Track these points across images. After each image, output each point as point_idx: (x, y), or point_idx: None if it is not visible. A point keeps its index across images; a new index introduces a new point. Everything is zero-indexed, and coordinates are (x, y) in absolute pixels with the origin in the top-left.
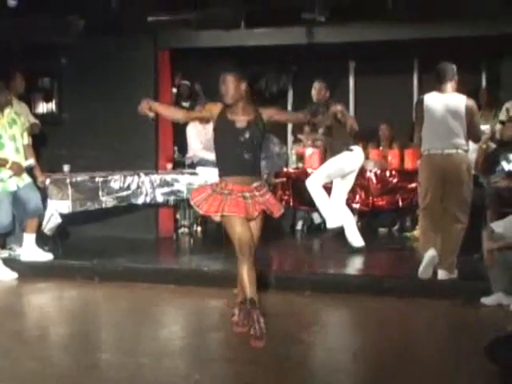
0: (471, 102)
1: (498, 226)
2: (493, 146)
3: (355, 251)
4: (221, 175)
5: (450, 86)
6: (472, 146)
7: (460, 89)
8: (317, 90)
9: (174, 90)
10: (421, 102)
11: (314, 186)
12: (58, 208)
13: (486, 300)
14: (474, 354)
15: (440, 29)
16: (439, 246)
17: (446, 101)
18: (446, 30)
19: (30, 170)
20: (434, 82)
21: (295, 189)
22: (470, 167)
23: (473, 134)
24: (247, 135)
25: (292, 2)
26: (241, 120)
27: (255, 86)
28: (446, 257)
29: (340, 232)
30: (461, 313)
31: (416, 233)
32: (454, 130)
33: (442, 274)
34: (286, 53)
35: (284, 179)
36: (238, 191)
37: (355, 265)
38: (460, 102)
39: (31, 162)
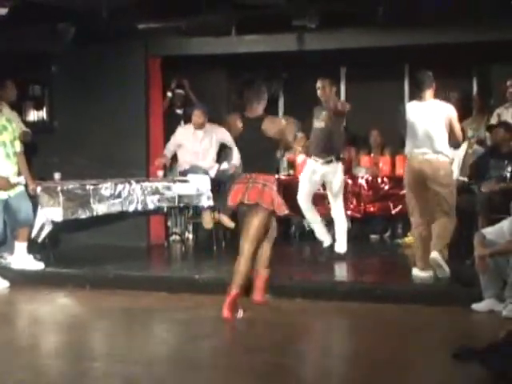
0: (449, 108)
1: (489, 233)
2: (480, 150)
3: (335, 257)
4: None
5: (428, 93)
6: (456, 151)
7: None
8: (321, 88)
9: (170, 95)
10: (404, 110)
11: (302, 203)
12: (49, 216)
13: (478, 306)
14: (464, 360)
15: (431, 35)
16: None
17: (425, 108)
18: (437, 37)
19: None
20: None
21: (286, 196)
22: (450, 172)
23: (453, 138)
24: None
25: (282, 8)
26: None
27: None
28: (435, 242)
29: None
30: (452, 319)
31: (408, 239)
32: (434, 136)
33: (434, 254)
34: (276, 59)
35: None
36: None
37: (347, 272)
38: (438, 108)
39: (20, 179)
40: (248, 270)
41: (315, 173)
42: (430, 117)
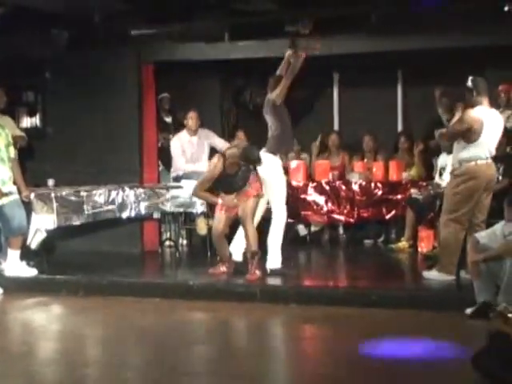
0: None
1: (482, 237)
2: None
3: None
4: None
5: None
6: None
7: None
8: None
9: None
10: None
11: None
12: (42, 223)
13: (471, 311)
14: (459, 363)
15: (423, 41)
16: None
17: (492, 114)
18: (430, 42)
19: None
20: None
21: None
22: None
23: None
24: None
25: (275, 14)
26: None
27: (239, 99)
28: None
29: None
30: (446, 324)
31: (401, 244)
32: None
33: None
34: (269, 65)
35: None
36: None
37: (341, 277)
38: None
39: (13, 188)
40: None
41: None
42: (496, 123)
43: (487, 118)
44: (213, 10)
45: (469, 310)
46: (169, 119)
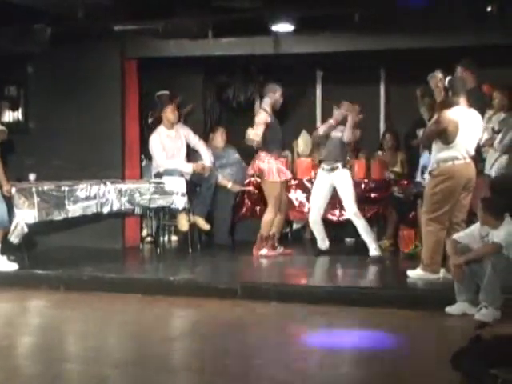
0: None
1: (461, 237)
2: None
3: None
4: None
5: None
6: None
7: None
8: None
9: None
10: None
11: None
12: (24, 217)
13: (451, 309)
14: (437, 361)
15: (407, 39)
16: None
17: (469, 114)
18: (413, 41)
19: None
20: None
21: (263, 198)
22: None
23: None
24: None
25: (259, 12)
26: None
27: (222, 96)
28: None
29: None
30: (426, 322)
31: (383, 243)
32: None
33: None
34: (253, 62)
35: (250, 188)
36: None
37: (322, 275)
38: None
39: None
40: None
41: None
42: (474, 123)
43: (464, 119)
44: (196, 7)
45: (448, 309)
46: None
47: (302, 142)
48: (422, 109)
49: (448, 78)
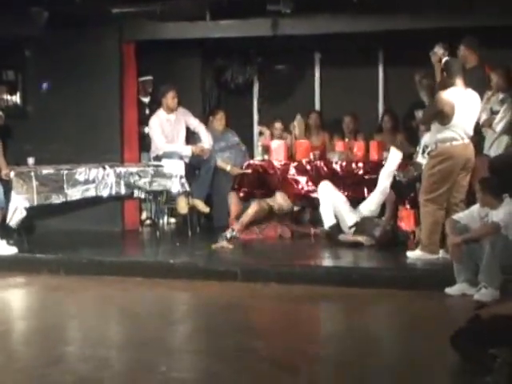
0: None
1: (461, 218)
2: None
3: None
4: None
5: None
6: None
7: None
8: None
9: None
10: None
11: None
12: (22, 201)
13: (451, 290)
14: (437, 342)
15: (405, 20)
16: None
17: (467, 95)
18: (412, 22)
19: None
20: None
21: (261, 181)
22: None
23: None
24: None
25: None
26: None
27: (221, 78)
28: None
29: None
30: (425, 303)
31: None
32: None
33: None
34: (251, 44)
35: (249, 170)
36: None
37: (322, 256)
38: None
39: None
40: None
41: None
42: (472, 104)
43: (461, 100)
44: None
45: (448, 289)
46: (146, 99)
47: (297, 126)
48: (422, 93)
49: (444, 60)
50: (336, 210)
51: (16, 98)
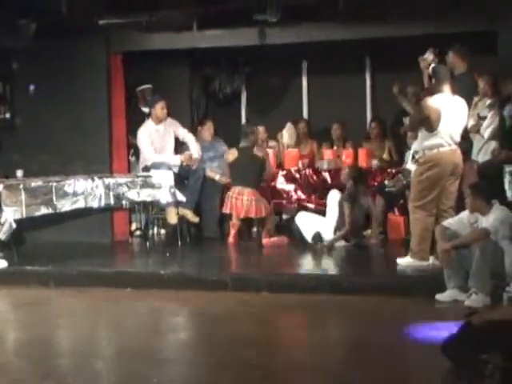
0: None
1: (450, 224)
2: None
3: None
4: None
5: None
6: None
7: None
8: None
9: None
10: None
11: None
12: (11, 214)
13: (441, 297)
14: (428, 349)
15: (392, 28)
16: None
17: (453, 101)
18: (398, 29)
19: None
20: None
21: None
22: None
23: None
24: None
25: (243, 3)
26: None
27: (209, 88)
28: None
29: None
30: (416, 309)
31: (372, 232)
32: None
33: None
34: (238, 54)
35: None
36: None
37: (313, 264)
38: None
39: None
40: None
41: None
42: (458, 110)
43: (447, 106)
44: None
45: (439, 296)
46: (146, 109)
47: (288, 134)
48: (405, 103)
49: (432, 66)
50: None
51: (4, 110)
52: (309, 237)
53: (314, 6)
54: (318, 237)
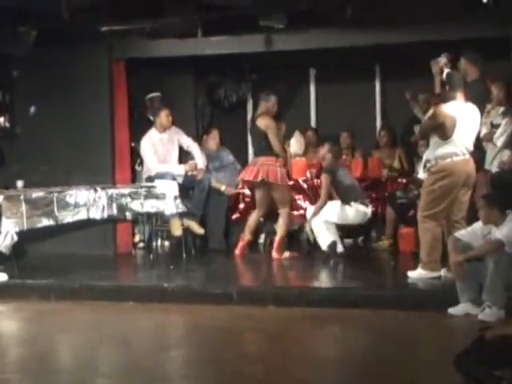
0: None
1: (463, 235)
2: None
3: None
4: None
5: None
6: None
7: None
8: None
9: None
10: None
11: None
12: (12, 226)
13: (454, 310)
14: (440, 364)
15: (401, 34)
16: None
17: (467, 109)
18: (407, 36)
19: None
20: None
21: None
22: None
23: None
24: None
25: (249, 9)
26: None
27: (214, 96)
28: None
29: None
30: (428, 323)
31: (382, 243)
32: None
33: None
34: (244, 61)
35: (244, 190)
36: None
37: (320, 277)
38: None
39: None
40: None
41: None
42: (472, 118)
43: (461, 114)
44: (185, 5)
45: (451, 310)
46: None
47: (295, 143)
48: (416, 109)
49: (445, 72)
50: None
51: (4, 119)
52: (324, 244)
53: (321, 12)
54: (333, 246)
